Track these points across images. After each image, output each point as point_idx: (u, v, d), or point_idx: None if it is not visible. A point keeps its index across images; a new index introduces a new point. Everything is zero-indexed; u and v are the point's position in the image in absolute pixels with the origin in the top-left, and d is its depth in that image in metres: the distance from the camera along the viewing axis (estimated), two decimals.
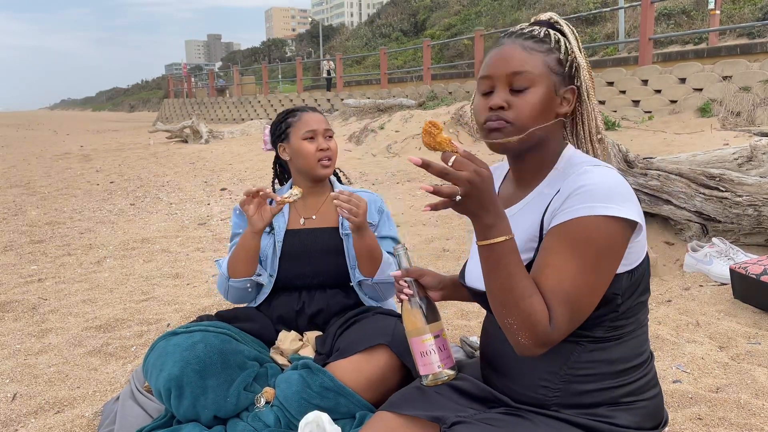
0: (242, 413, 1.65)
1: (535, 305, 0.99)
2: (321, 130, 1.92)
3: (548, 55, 1.12)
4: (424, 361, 1.20)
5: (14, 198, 6.84)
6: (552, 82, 1.11)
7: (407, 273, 1.29)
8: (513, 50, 1.12)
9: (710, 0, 12.58)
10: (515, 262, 1.00)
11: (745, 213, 3.10)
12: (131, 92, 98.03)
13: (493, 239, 0.99)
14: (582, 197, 1.01)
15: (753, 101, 8.18)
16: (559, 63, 1.12)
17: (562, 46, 1.13)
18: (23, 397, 2.09)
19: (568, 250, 1.00)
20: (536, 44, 1.12)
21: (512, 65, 1.10)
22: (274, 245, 1.92)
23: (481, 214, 0.98)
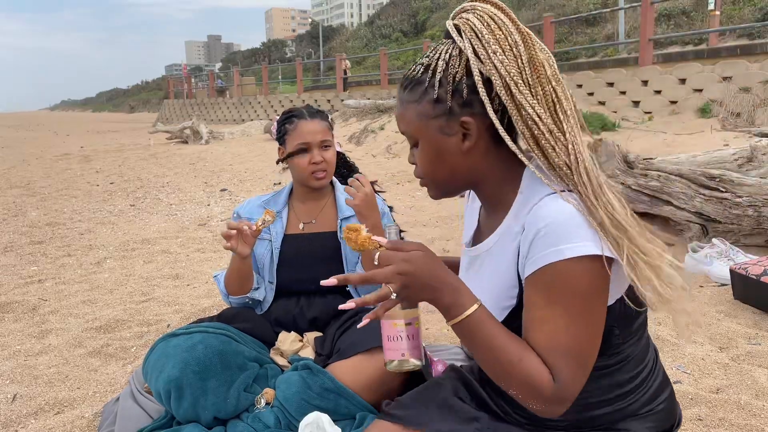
0: (242, 414, 1.64)
1: (530, 368, 0.91)
2: (316, 142, 1.85)
3: (420, 101, 1.01)
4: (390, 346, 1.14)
5: (14, 199, 6.84)
6: (433, 127, 1.01)
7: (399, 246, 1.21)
8: (397, 109, 1.07)
9: (710, 1, 12.58)
10: (490, 329, 0.93)
11: (746, 214, 3.10)
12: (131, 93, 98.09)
13: (459, 317, 0.92)
14: (545, 240, 0.91)
15: (753, 102, 8.18)
16: (435, 103, 1.00)
17: (437, 78, 0.99)
18: (23, 398, 2.09)
19: (551, 302, 0.91)
20: (410, 93, 1.03)
21: (399, 125, 1.07)
22: (272, 253, 1.92)
23: (435, 298, 0.93)
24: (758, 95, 8.20)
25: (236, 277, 1.82)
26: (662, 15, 17.09)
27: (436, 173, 1.05)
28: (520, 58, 0.95)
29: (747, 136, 6.32)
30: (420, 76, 1.02)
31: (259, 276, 1.92)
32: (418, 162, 1.06)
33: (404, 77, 1.06)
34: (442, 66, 0.99)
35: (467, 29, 0.98)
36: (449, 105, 0.99)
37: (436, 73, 0.99)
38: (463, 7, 1.02)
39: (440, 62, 0.99)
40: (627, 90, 10.24)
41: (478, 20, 0.97)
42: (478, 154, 1.02)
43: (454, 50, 0.99)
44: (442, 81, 0.99)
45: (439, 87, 0.99)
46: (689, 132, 7.54)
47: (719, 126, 7.90)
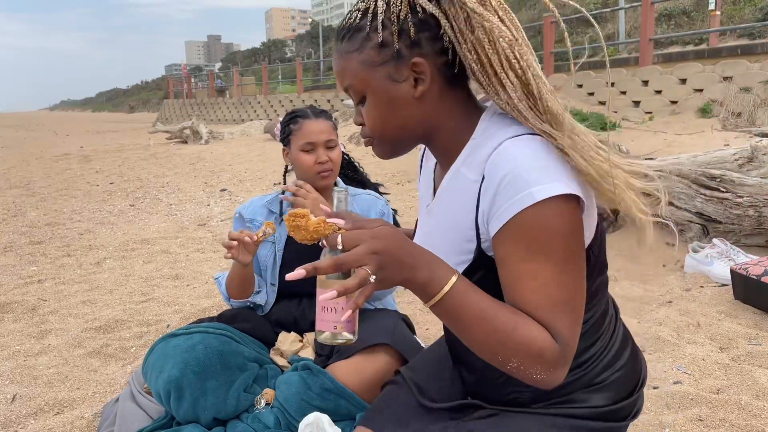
0: (242, 414, 1.64)
1: (529, 333, 0.83)
2: (321, 141, 1.85)
3: (362, 49, 0.92)
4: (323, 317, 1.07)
5: (14, 199, 6.84)
6: (380, 75, 0.92)
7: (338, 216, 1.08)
8: (335, 62, 0.97)
9: (711, 1, 12.57)
10: (477, 299, 0.84)
11: (746, 214, 3.10)
12: (131, 93, 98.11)
13: (439, 294, 0.83)
14: (513, 186, 0.83)
15: (753, 102, 8.18)
16: (380, 47, 0.91)
17: (378, 21, 0.90)
18: (23, 399, 2.09)
19: (531, 252, 0.84)
20: (349, 42, 0.93)
21: (340, 80, 0.97)
22: (275, 255, 1.92)
23: (411, 276, 0.83)
24: (759, 95, 8.20)
25: (238, 283, 1.82)
26: (663, 15, 17.08)
27: (387, 126, 0.95)
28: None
29: (747, 136, 6.32)
30: (359, 22, 0.92)
31: (260, 279, 1.92)
32: (366, 117, 0.96)
33: (340, 27, 0.96)
34: (383, 6, 0.90)
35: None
36: (396, 47, 0.90)
37: (377, 15, 0.90)
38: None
39: (379, 3, 0.90)
40: (627, 90, 10.24)
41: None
42: (432, 100, 0.94)
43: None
44: (385, 23, 0.90)
45: (383, 29, 0.90)
46: (690, 132, 7.53)
47: (720, 126, 7.89)
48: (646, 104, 9.81)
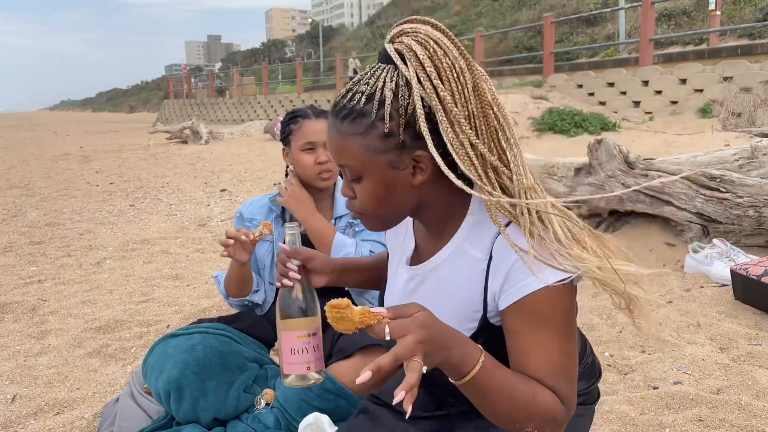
0: (242, 415, 1.64)
1: (544, 399, 0.91)
2: (321, 141, 1.83)
3: (366, 135, 0.93)
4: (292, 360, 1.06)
5: (14, 199, 6.84)
6: (382, 162, 0.94)
7: (296, 254, 1.13)
8: (332, 139, 0.97)
9: (711, 1, 12.57)
10: (501, 374, 0.90)
11: (746, 214, 3.10)
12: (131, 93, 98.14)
13: (471, 373, 0.87)
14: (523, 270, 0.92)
15: (754, 102, 8.18)
16: (385, 137, 0.93)
17: (386, 111, 0.92)
18: (23, 399, 2.09)
19: (541, 327, 0.93)
20: (352, 125, 0.94)
21: (335, 157, 0.98)
22: (273, 254, 1.92)
23: (449, 357, 0.86)
24: (759, 95, 8.20)
25: (236, 281, 1.82)
26: (663, 15, 17.08)
27: (381, 208, 0.99)
28: (466, 86, 0.92)
29: (748, 137, 6.32)
30: (363, 106, 0.93)
31: (259, 278, 1.92)
32: (360, 196, 0.98)
33: (338, 106, 0.96)
34: (390, 96, 0.92)
35: (412, 57, 0.92)
36: (401, 138, 0.93)
37: (384, 105, 0.92)
38: (402, 29, 0.96)
39: (387, 92, 0.92)
40: (627, 90, 10.24)
41: (421, 47, 0.92)
42: (428, 185, 0.98)
43: (400, 79, 0.93)
44: (392, 114, 0.92)
45: (390, 120, 0.92)
46: (690, 132, 7.53)
47: (720, 126, 7.89)
48: (646, 104, 9.81)
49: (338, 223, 1.91)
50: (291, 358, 1.07)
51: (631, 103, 10.09)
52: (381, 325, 0.84)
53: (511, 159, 0.93)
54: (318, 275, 1.19)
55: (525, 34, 20.66)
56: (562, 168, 3.98)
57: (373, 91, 0.93)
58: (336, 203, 1.96)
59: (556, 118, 8.30)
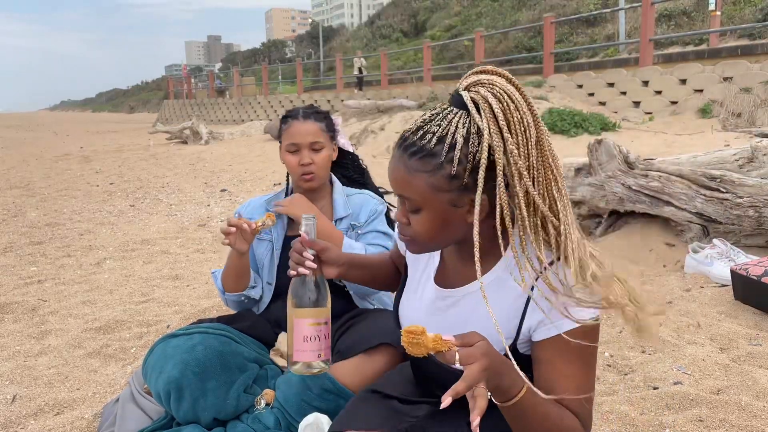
0: (242, 415, 1.64)
1: (570, 421, 1.03)
2: (305, 143, 1.84)
3: (434, 174, 1.00)
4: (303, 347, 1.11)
5: (14, 199, 6.84)
6: (443, 200, 1.02)
7: (312, 244, 1.21)
8: (397, 171, 1.03)
9: (711, 1, 12.58)
10: (541, 401, 0.99)
11: (746, 214, 3.10)
12: (131, 93, 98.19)
13: (516, 396, 0.96)
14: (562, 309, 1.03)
15: (754, 102, 8.19)
16: (451, 178, 1.00)
17: (456, 155, 0.98)
18: (23, 399, 2.09)
19: (572, 359, 1.04)
20: (421, 162, 1.00)
21: (397, 188, 1.05)
22: (272, 253, 1.91)
23: (501, 383, 0.94)
24: (759, 95, 8.20)
25: (233, 274, 1.82)
26: (663, 15, 17.09)
27: (434, 238, 1.07)
28: (530, 140, 0.99)
29: (748, 137, 6.32)
30: (433, 147, 1.00)
31: (256, 275, 1.92)
32: (416, 225, 1.05)
33: (409, 142, 1.02)
34: (461, 142, 0.99)
35: (486, 108, 0.98)
36: (465, 181, 1.00)
37: (455, 149, 0.99)
38: (479, 79, 1.01)
39: (458, 137, 0.99)
40: (627, 90, 10.24)
41: (496, 100, 0.98)
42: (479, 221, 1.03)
43: (471, 126, 0.99)
44: (461, 159, 0.99)
45: (458, 164, 0.99)
46: (690, 132, 7.54)
47: (720, 126, 7.90)
48: (646, 104, 9.81)
49: (339, 225, 1.91)
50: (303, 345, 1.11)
51: (631, 103, 10.10)
52: (451, 352, 0.91)
53: (560, 209, 1.02)
54: (330, 266, 1.25)
55: (525, 34, 20.67)
56: (563, 168, 3.98)
57: (444, 134, 1.00)
58: (335, 205, 1.95)
59: (556, 119, 8.30)
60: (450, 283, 1.17)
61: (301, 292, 1.16)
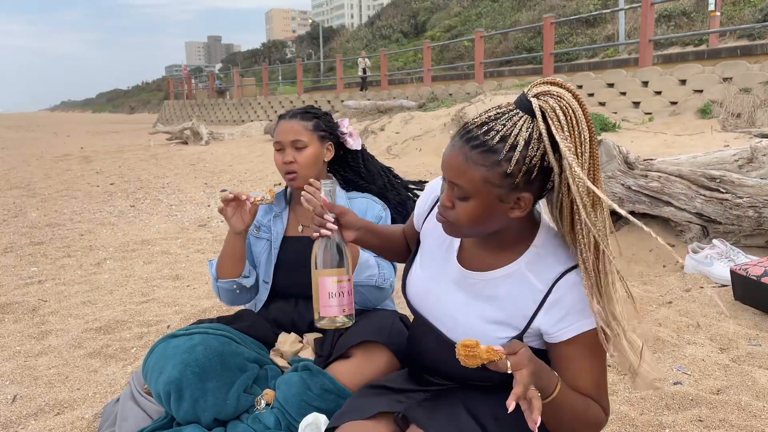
0: (242, 415, 1.64)
1: (594, 410, 1.15)
2: (287, 141, 1.84)
3: (491, 169, 1.06)
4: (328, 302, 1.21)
5: (14, 199, 6.84)
6: (493, 194, 1.08)
7: (332, 207, 1.31)
8: (455, 158, 1.09)
9: (710, 1, 12.58)
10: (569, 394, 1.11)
11: (746, 214, 3.10)
12: (131, 94, 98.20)
13: (553, 393, 1.07)
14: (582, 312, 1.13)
15: (753, 103, 8.19)
16: (505, 176, 1.06)
17: (515, 156, 1.05)
18: (23, 399, 2.09)
19: (591, 355, 1.15)
20: (481, 155, 1.06)
21: (451, 174, 1.10)
22: (270, 252, 1.91)
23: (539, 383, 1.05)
24: (758, 96, 8.20)
25: (228, 257, 1.82)
26: (662, 16, 17.09)
27: (475, 226, 1.13)
28: (585, 153, 1.05)
29: (747, 137, 6.33)
30: (495, 144, 1.05)
31: (252, 268, 1.91)
32: (460, 212, 1.11)
33: (473, 135, 1.07)
34: (522, 144, 1.05)
35: (553, 118, 1.04)
36: (517, 181, 1.07)
37: (515, 150, 1.05)
38: (549, 90, 1.07)
39: (520, 140, 1.05)
40: (627, 91, 10.25)
41: (562, 112, 1.04)
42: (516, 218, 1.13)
43: (534, 131, 1.05)
44: (519, 160, 1.05)
45: (515, 164, 1.05)
46: (689, 133, 7.54)
47: (719, 127, 7.90)
48: (646, 105, 9.81)
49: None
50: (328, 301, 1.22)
51: (631, 103, 10.10)
52: (503, 360, 1.01)
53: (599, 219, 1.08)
54: (348, 230, 1.34)
55: (525, 34, 20.68)
56: None
57: (507, 134, 1.05)
58: None
59: None
60: (470, 265, 1.25)
61: (324, 253, 1.26)
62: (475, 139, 1.07)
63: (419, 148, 9.11)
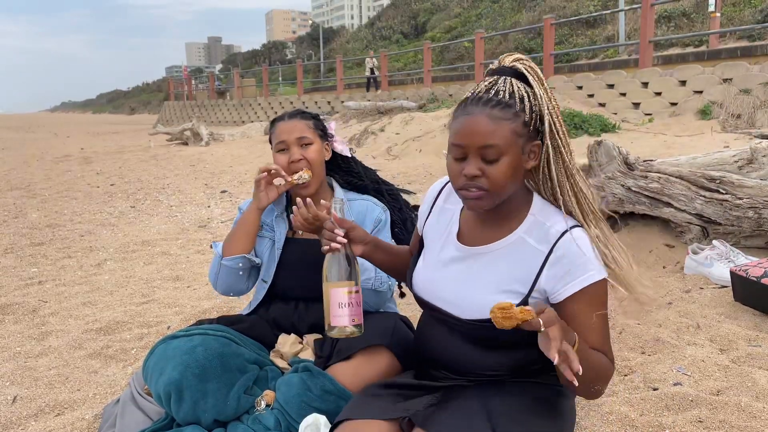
0: (243, 416, 1.64)
1: (606, 363, 1.25)
2: (292, 139, 1.82)
3: (514, 121, 1.17)
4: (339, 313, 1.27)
5: (15, 200, 6.85)
6: (519, 146, 1.19)
7: (342, 222, 1.38)
8: (480, 121, 1.17)
9: (710, 2, 12.58)
10: (587, 350, 1.19)
11: (746, 215, 3.10)
12: (132, 94, 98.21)
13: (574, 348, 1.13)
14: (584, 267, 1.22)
15: (753, 103, 8.19)
16: (524, 125, 1.18)
17: (527, 105, 1.18)
18: (24, 400, 2.09)
19: (596, 310, 1.23)
20: (502, 111, 1.17)
21: (482, 139, 1.17)
22: (271, 251, 1.91)
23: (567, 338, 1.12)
24: (758, 97, 8.21)
25: (242, 233, 1.84)
26: (662, 17, 17.09)
27: (508, 185, 1.21)
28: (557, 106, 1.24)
29: (747, 138, 6.33)
30: (508, 99, 1.18)
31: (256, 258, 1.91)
32: (495, 175, 1.18)
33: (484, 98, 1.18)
34: (527, 96, 1.19)
35: (535, 75, 1.21)
36: (531, 129, 1.19)
37: (525, 101, 1.18)
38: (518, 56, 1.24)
39: (524, 93, 1.19)
40: (627, 91, 10.25)
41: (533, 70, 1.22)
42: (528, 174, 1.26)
43: (528, 89, 1.21)
44: (531, 108, 1.19)
45: (530, 113, 1.18)
46: (689, 134, 7.54)
47: (719, 128, 7.90)
48: (646, 106, 9.82)
49: None
50: (338, 311, 1.28)
51: (631, 104, 10.10)
52: (536, 319, 1.08)
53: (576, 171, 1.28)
54: (357, 244, 1.42)
55: (525, 35, 20.69)
56: None
57: (512, 90, 1.19)
58: None
59: None
60: (472, 243, 1.33)
61: (334, 265, 1.33)
62: (491, 100, 1.17)
63: (419, 149, 9.11)
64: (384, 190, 2.05)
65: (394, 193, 2.07)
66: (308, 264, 1.86)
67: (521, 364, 1.33)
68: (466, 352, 1.31)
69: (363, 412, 1.31)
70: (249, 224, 1.83)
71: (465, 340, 1.32)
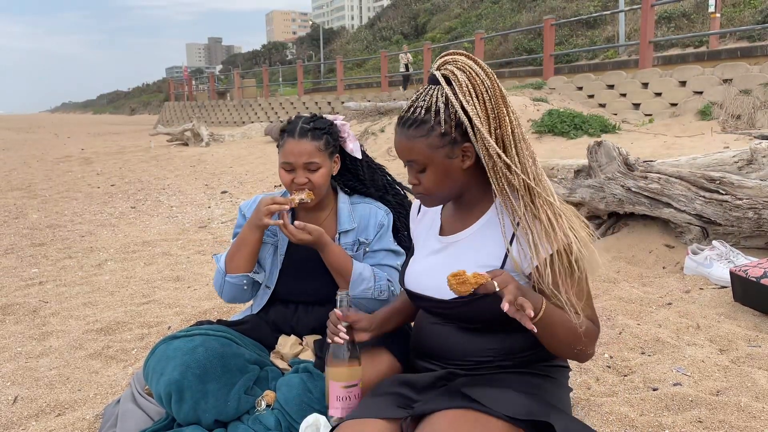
0: (243, 416, 1.65)
1: (588, 324, 1.30)
2: (299, 164, 1.76)
3: (428, 136, 1.28)
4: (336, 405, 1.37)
5: (15, 201, 6.85)
6: (441, 155, 1.29)
7: (345, 318, 1.45)
8: (401, 142, 1.32)
9: (710, 3, 12.58)
10: (557, 310, 1.26)
11: (746, 216, 3.11)
12: (132, 95, 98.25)
13: (541, 310, 1.22)
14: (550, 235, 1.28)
15: (753, 104, 8.18)
16: (442, 136, 1.28)
17: (442, 117, 1.27)
18: (24, 400, 2.10)
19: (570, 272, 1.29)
20: (416, 130, 1.29)
21: (405, 155, 1.33)
22: (274, 256, 1.90)
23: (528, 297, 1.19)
24: (758, 97, 8.20)
25: (243, 252, 1.81)
26: (662, 17, 17.09)
27: (441, 189, 1.34)
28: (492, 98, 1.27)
29: (747, 139, 6.33)
30: (423, 116, 1.28)
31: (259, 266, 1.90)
32: (426, 182, 1.33)
33: (404, 119, 1.31)
34: (442, 108, 1.28)
35: (454, 79, 1.27)
36: (453, 136, 1.28)
37: (440, 114, 1.27)
38: (445, 59, 1.30)
39: (440, 105, 1.28)
40: (627, 92, 10.25)
41: (459, 71, 1.27)
42: (470, 170, 1.33)
43: (449, 95, 1.28)
44: (446, 119, 1.27)
45: (444, 124, 1.27)
46: (689, 134, 7.54)
47: (719, 128, 7.90)
48: (646, 106, 9.81)
49: (343, 238, 1.86)
50: (336, 403, 1.38)
51: (631, 105, 10.10)
52: (491, 282, 1.17)
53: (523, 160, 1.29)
54: (362, 333, 1.49)
55: (525, 36, 20.67)
56: (562, 170, 3.99)
57: (429, 105, 1.29)
58: (340, 217, 1.90)
59: (555, 120, 8.30)
60: (449, 233, 1.44)
61: (336, 357, 1.41)
62: (408, 120, 1.31)
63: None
64: (389, 199, 1.99)
65: (400, 199, 2.03)
66: (309, 270, 1.86)
67: (513, 351, 1.38)
68: (458, 340, 1.39)
69: (363, 411, 1.32)
70: (252, 244, 1.80)
71: (457, 329, 1.40)
